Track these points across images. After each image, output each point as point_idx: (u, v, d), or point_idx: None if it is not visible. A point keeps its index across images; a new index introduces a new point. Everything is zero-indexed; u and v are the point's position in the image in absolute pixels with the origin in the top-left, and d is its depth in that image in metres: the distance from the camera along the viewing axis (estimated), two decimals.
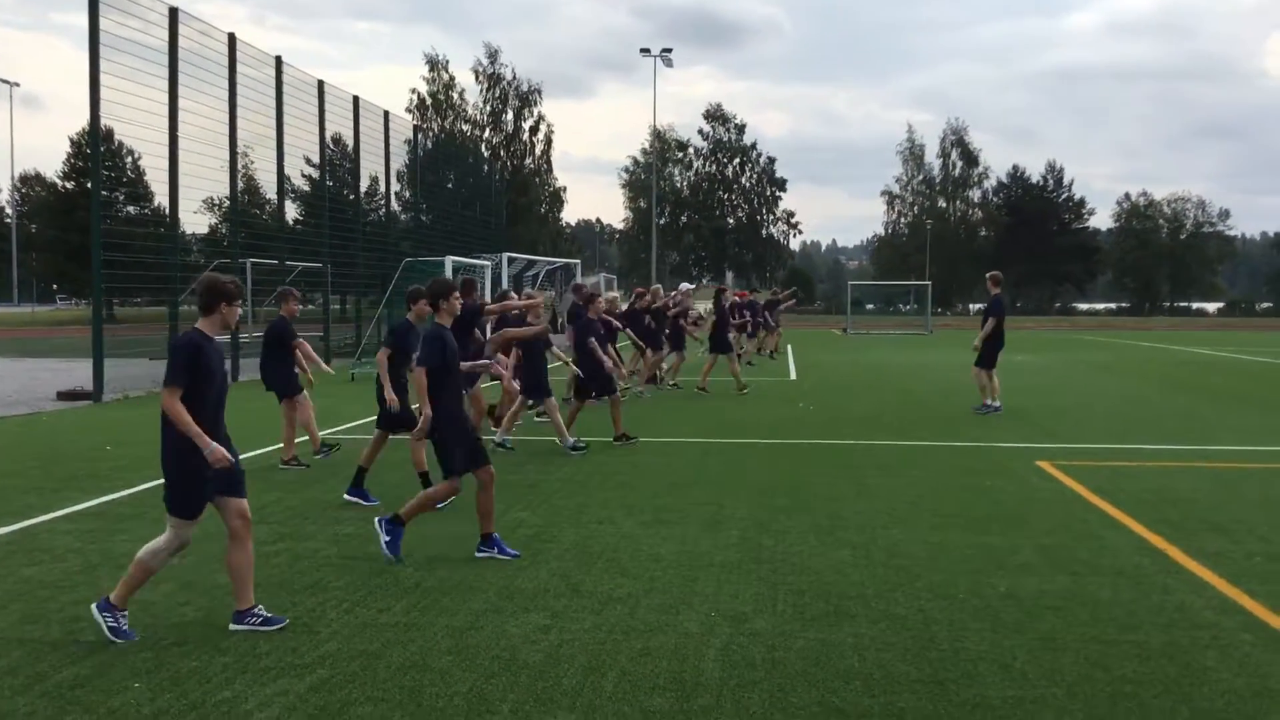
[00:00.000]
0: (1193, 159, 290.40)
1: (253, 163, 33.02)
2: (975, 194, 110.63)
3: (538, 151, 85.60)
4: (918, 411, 16.79)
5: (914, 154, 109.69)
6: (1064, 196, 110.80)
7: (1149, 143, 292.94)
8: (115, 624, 5.76)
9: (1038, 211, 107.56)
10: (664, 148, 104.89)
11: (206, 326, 5.93)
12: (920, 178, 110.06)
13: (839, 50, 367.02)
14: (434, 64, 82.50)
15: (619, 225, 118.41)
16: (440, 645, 5.64)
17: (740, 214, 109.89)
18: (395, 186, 35.73)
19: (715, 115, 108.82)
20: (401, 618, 6.14)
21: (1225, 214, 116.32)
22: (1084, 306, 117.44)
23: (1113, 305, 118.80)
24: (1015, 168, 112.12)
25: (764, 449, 12.80)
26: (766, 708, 4.81)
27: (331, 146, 32.16)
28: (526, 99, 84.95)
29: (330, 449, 12.02)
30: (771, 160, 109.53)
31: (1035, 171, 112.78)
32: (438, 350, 7.46)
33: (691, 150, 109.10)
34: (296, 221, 33.44)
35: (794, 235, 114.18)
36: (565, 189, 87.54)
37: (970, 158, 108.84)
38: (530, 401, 13.41)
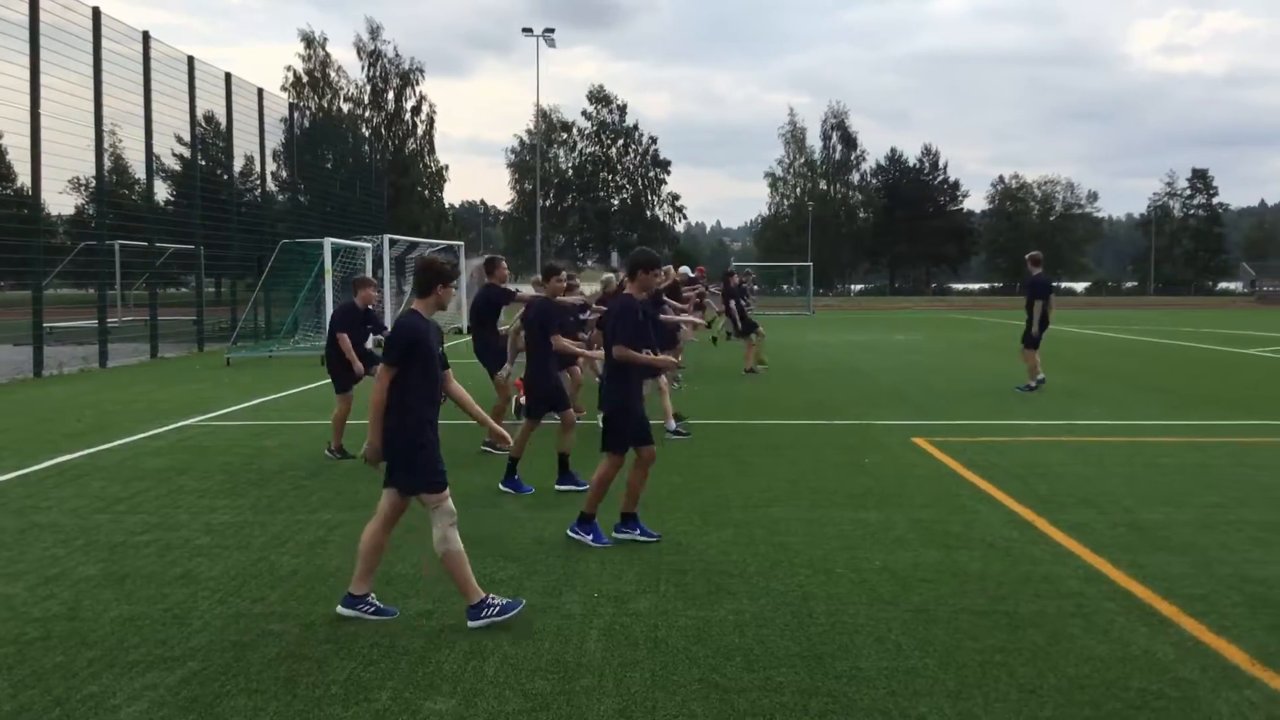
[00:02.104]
0: (1062, 142, 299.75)
1: (120, 141, 31.88)
2: (855, 176, 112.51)
3: (419, 131, 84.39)
4: (801, 392, 17.02)
5: (795, 137, 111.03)
6: (939, 179, 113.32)
7: (1020, 126, 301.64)
8: (501, 602, 5.71)
9: (914, 194, 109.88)
10: (548, 129, 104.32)
11: (423, 308, 5.93)
12: (802, 160, 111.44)
13: (715, 30, 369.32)
14: (310, 41, 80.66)
15: (504, 207, 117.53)
16: (317, 634, 5.55)
17: (625, 195, 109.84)
18: (271, 166, 34.84)
19: (599, 97, 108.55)
20: (277, 607, 6.01)
21: (1093, 196, 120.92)
22: (959, 287, 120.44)
23: (986, 285, 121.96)
24: (893, 150, 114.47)
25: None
26: (648, 686, 4.84)
27: (203, 125, 31.21)
28: (407, 77, 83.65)
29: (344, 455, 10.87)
30: (654, 141, 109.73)
31: (912, 155, 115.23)
32: (635, 325, 7.25)
33: (575, 131, 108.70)
34: (167, 202, 32.46)
35: (679, 217, 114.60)
36: (448, 168, 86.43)
37: (850, 141, 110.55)
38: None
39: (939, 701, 4.66)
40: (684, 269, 18.35)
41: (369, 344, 11.63)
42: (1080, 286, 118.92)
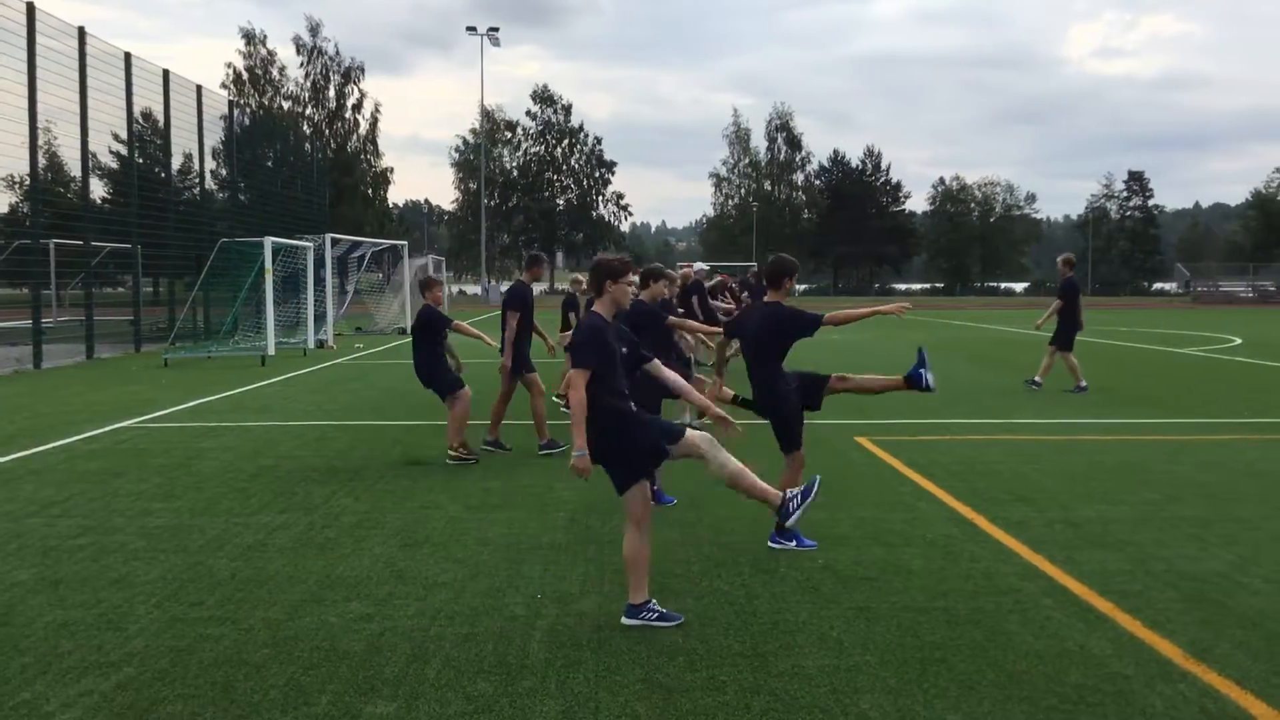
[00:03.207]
0: (1000, 143, 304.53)
1: (55, 139, 31.33)
2: (799, 177, 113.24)
3: (362, 129, 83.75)
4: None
5: (740, 137, 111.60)
6: (882, 180, 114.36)
7: (959, 128, 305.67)
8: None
9: (857, 195, 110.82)
10: (493, 128, 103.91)
11: (601, 308, 5.85)
12: (746, 161, 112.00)
13: (659, 31, 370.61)
14: (250, 37, 79.75)
15: (448, 206, 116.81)
16: (256, 638, 5.47)
17: (570, 195, 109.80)
18: (211, 164, 34.38)
19: (543, 97, 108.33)
20: (215, 611, 5.93)
21: (1031, 197, 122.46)
22: (901, 286, 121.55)
23: (928, 285, 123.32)
24: (836, 152, 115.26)
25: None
26: (591, 687, 4.83)
27: (141, 122, 30.72)
28: (349, 75, 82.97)
29: (467, 457, 10.57)
30: (599, 141, 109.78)
31: (855, 156, 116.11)
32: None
33: (520, 131, 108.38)
34: (104, 200, 31.85)
35: (624, 217, 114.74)
36: (391, 169, 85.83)
37: (794, 142, 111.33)
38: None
39: (879, 698, 4.70)
40: (699, 265, 16.90)
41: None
42: (1019, 287, 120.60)
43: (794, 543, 7.28)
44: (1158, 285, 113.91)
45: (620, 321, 6.19)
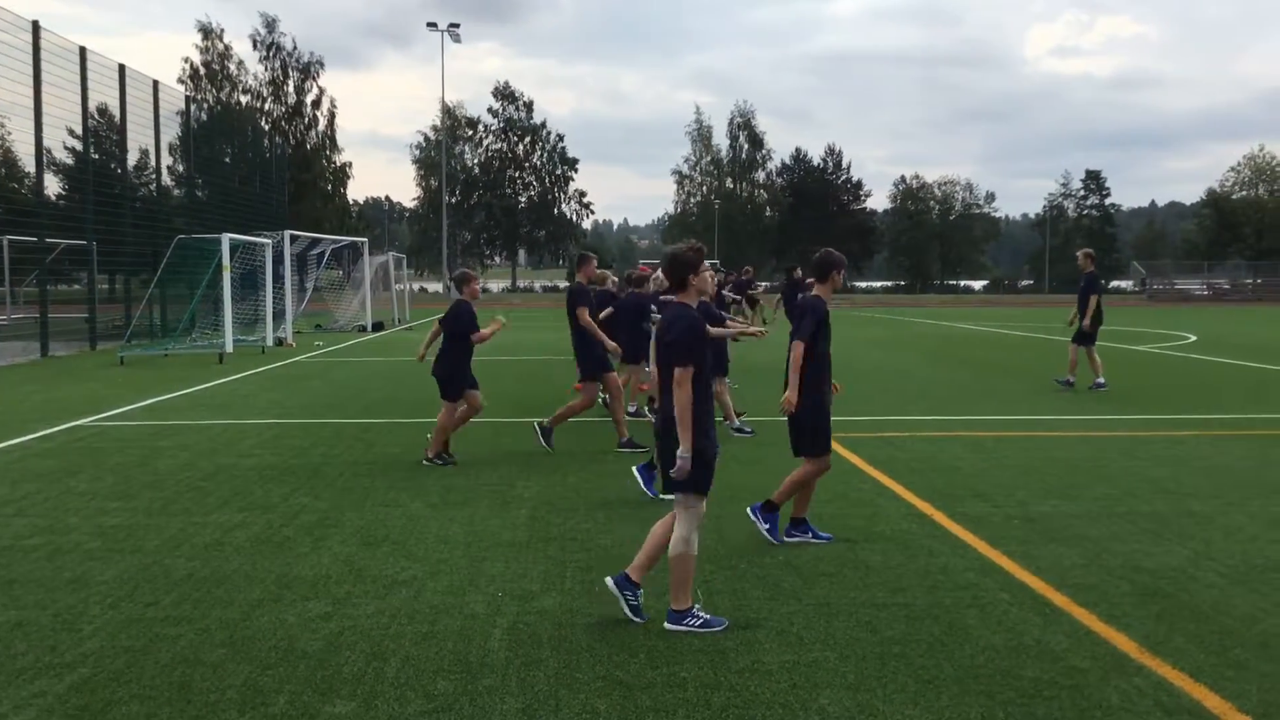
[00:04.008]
0: (959, 142, 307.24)
1: (9, 134, 31.06)
2: (761, 175, 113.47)
3: (321, 125, 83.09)
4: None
5: (702, 135, 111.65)
6: (843, 179, 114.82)
7: (918, 126, 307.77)
8: (704, 617, 5.60)
9: (819, 193, 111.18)
10: (454, 125, 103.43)
11: (686, 299, 5.80)
12: (709, 159, 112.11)
13: (620, 29, 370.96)
14: (208, 32, 78.93)
15: (409, 203, 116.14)
16: (213, 638, 5.42)
17: (532, 193, 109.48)
18: (168, 160, 34.00)
19: (504, 94, 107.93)
20: (171, 611, 5.86)
21: (990, 196, 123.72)
22: (862, 285, 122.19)
23: (889, 283, 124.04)
24: (798, 150, 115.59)
25: (560, 428, 12.77)
26: (552, 684, 4.82)
27: (96, 117, 30.35)
28: (308, 70, 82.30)
29: (447, 460, 10.33)
30: (561, 138, 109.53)
31: (816, 154, 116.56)
32: (813, 324, 7.25)
33: (482, 128, 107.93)
34: (59, 196, 31.47)
35: (587, 214, 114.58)
36: (351, 164, 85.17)
37: (756, 140, 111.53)
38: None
39: (838, 693, 4.72)
40: (708, 262, 16.31)
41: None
42: (979, 284, 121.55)
43: (809, 535, 7.38)
44: (1114, 283, 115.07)
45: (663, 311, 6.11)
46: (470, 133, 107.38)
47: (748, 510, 7.45)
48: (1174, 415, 13.86)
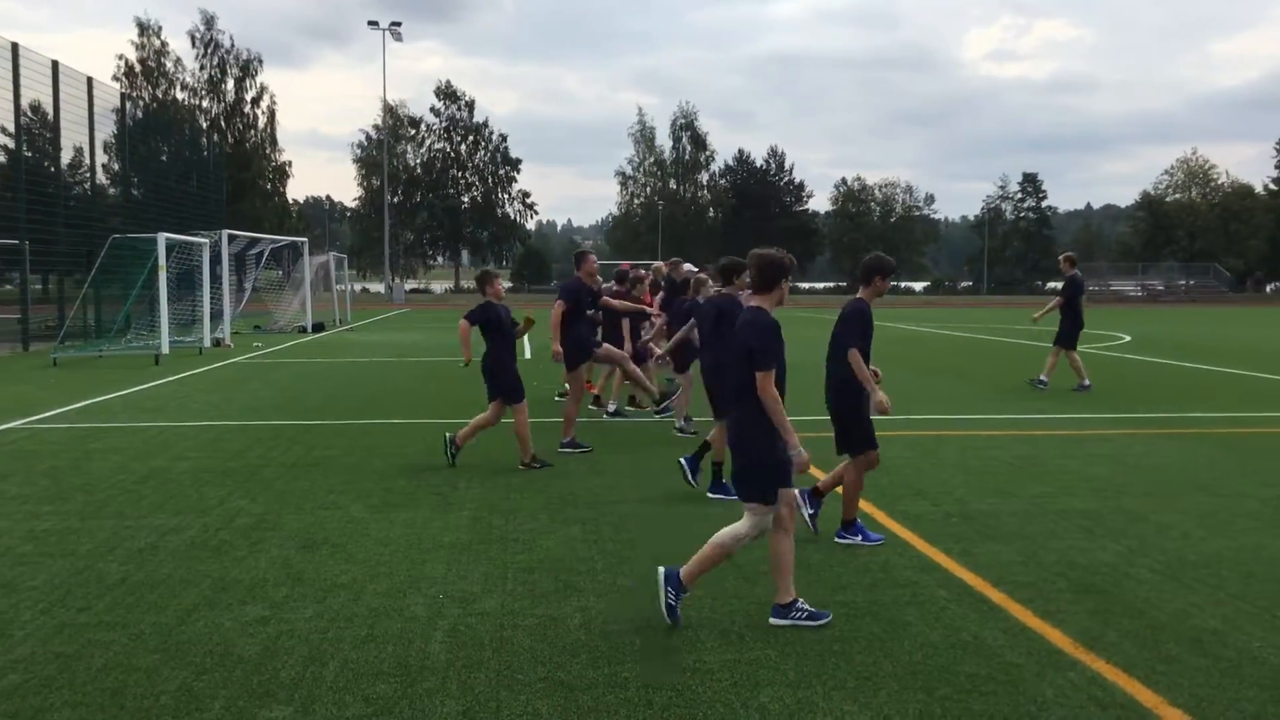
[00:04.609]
0: (898, 145, 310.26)
1: None
2: (704, 176, 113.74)
3: (260, 124, 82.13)
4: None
5: (645, 136, 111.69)
6: (785, 180, 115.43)
7: (859, 129, 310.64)
8: (674, 601, 5.58)
9: (762, 194, 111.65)
10: (396, 124, 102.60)
11: (768, 303, 5.77)
12: (652, 160, 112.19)
13: (562, 28, 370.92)
14: (144, 28, 77.74)
15: (351, 203, 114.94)
16: (147, 643, 5.33)
17: (475, 193, 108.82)
18: (103, 158, 33.41)
19: (446, 93, 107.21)
20: (104, 616, 5.75)
21: (930, 198, 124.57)
22: (805, 285, 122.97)
23: (831, 284, 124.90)
24: (741, 151, 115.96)
25: (500, 429, 12.72)
26: (493, 686, 4.80)
27: (29, 114, 29.75)
28: (247, 68, 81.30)
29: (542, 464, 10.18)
30: (504, 138, 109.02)
31: (759, 155, 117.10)
32: (864, 328, 7.30)
33: (424, 127, 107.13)
34: None
35: (530, 215, 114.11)
36: (291, 163, 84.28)
37: (699, 141, 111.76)
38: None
39: (779, 691, 4.74)
40: (686, 265, 15.66)
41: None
42: (919, 286, 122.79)
43: (859, 537, 7.37)
44: (1051, 284, 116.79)
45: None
46: (412, 132, 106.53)
47: (796, 493, 7.28)
48: (1109, 414, 14.10)
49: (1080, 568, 6.74)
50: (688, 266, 14.64)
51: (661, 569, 5.73)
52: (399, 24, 62.50)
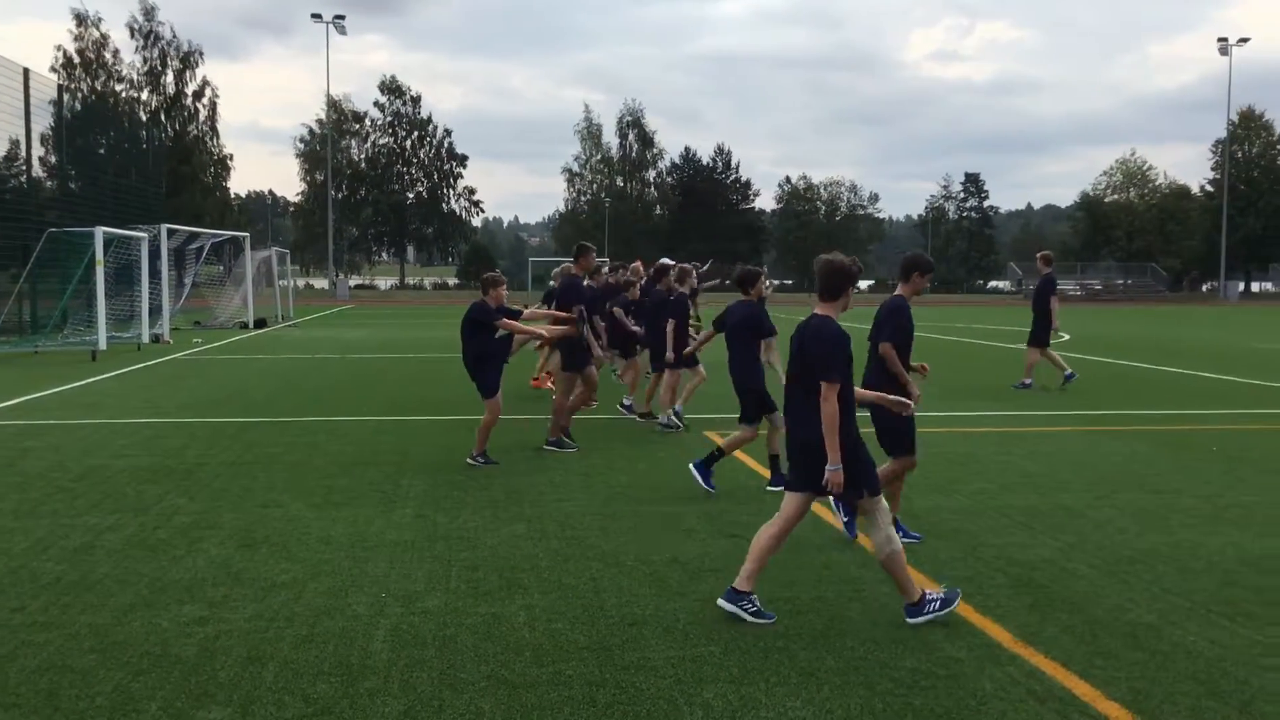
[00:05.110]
0: (842, 144, 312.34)
1: None
2: (651, 174, 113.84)
3: (202, 116, 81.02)
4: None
5: (592, 133, 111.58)
6: (732, 179, 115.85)
7: (804, 128, 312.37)
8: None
9: (709, 192, 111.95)
10: (339, 119, 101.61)
11: (833, 311, 5.78)
12: (599, 157, 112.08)
13: (507, 23, 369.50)
14: (82, 19, 76.39)
15: (294, 198, 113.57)
16: (82, 644, 5.23)
17: (420, 189, 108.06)
18: (39, 151, 32.79)
19: (391, 88, 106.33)
20: (38, 616, 5.64)
21: (875, 197, 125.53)
22: None
23: (777, 282, 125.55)
24: (687, 149, 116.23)
25: (443, 425, 12.67)
26: (435, 685, 4.77)
27: None
28: (187, 60, 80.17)
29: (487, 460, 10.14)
30: (449, 134, 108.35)
31: (705, 153, 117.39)
32: (905, 326, 7.20)
33: (368, 122, 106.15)
34: None
35: (476, 211, 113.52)
36: (232, 157, 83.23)
37: (646, 139, 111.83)
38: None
39: (723, 688, 4.76)
40: (663, 260, 15.40)
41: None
42: (865, 284, 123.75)
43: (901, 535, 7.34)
44: (992, 283, 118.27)
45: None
46: (357, 127, 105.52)
47: (831, 500, 7.30)
48: (1048, 411, 14.30)
49: (1019, 563, 6.83)
50: (665, 261, 14.75)
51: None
52: (343, 17, 61.88)
